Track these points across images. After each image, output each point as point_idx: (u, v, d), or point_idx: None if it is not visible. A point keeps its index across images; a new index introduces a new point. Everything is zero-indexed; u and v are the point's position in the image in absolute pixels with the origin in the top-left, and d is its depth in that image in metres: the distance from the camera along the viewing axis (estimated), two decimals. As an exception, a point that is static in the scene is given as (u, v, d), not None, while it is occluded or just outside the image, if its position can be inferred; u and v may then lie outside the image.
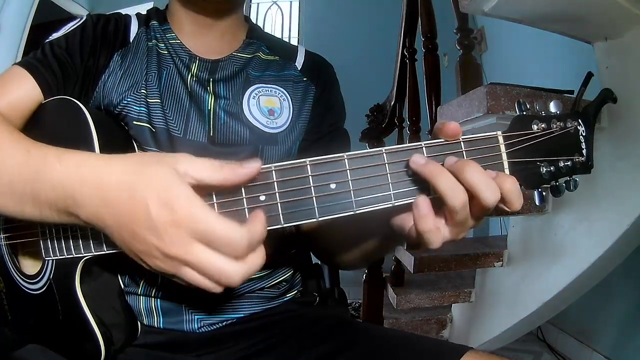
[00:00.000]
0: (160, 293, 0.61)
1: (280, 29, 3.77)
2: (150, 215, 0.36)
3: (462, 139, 0.41)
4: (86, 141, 0.51)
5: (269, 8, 3.86)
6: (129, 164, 0.39)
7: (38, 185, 0.42)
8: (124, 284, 0.60)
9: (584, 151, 0.44)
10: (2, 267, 0.60)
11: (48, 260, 0.54)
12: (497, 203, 0.39)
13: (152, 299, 0.62)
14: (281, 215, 0.40)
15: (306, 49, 0.76)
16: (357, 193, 0.40)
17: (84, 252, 0.49)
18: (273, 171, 0.40)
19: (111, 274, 0.58)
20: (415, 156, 0.40)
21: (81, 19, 0.65)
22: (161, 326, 0.62)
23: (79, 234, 0.49)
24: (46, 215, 0.43)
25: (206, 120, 0.63)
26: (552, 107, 0.44)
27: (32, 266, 0.58)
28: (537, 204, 0.43)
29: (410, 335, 0.64)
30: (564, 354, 1.99)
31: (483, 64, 2.60)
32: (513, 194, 0.39)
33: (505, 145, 0.42)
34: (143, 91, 0.61)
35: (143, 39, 0.65)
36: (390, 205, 0.41)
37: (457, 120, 0.41)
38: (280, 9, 3.85)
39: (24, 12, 2.65)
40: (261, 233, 0.38)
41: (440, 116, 1.43)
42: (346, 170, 0.40)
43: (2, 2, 2.52)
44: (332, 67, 0.76)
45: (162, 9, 0.72)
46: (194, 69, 0.65)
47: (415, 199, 0.40)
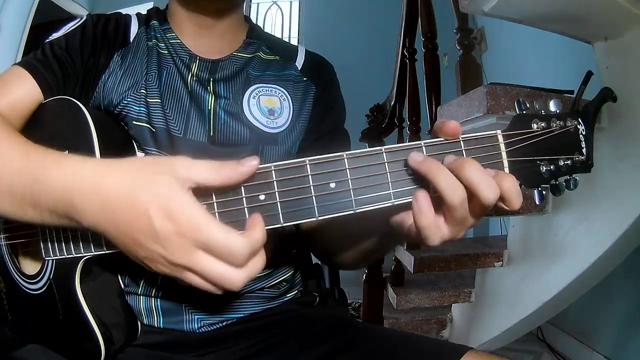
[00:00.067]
0: (160, 293, 0.61)
1: (280, 29, 3.78)
2: (153, 226, 0.37)
3: (462, 138, 0.41)
4: (86, 141, 0.50)
5: (269, 8, 3.86)
6: (128, 172, 0.39)
7: (37, 190, 0.42)
8: (124, 283, 0.60)
9: (583, 150, 0.44)
10: (2, 267, 0.60)
11: (48, 260, 0.54)
12: (497, 202, 0.39)
13: (152, 299, 0.62)
14: (281, 214, 0.40)
15: (306, 49, 0.75)
16: (357, 192, 0.40)
17: (84, 252, 0.49)
18: (272, 170, 0.40)
19: (111, 273, 0.58)
20: (413, 154, 0.40)
21: (81, 18, 0.65)
22: (161, 326, 0.62)
23: (79, 234, 0.49)
24: (47, 219, 0.43)
25: (206, 120, 0.63)
26: (552, 106, 0.44)
27: (32, 266, 0.58)
28: (537, 203, 0.43)
29: (410, 335, 0.64)
30: (564, 354, 1.99)
31: (483, 64, 2.60)
32: (512, 192, 0.39)
33: (505, 144, 0.42)
34: (143, 91, 0.61)
35: (143, 38, 0.65)
36: (389, 204, 0.41)
37: (457, 120, 0.41)
38: (280, 9, 3.86)
39: (24, 12, 2.65)
40: (261, 239, 0.38)
41: (440, 116, 1.43)
42: (346, 170, 0.40)
43: (2, 2, 2.52)
44: (332, 67, 0.76)
45: (162, 9, 0.72)
46: (194, 68, 0.65)
47: (414, 192, 0.40)
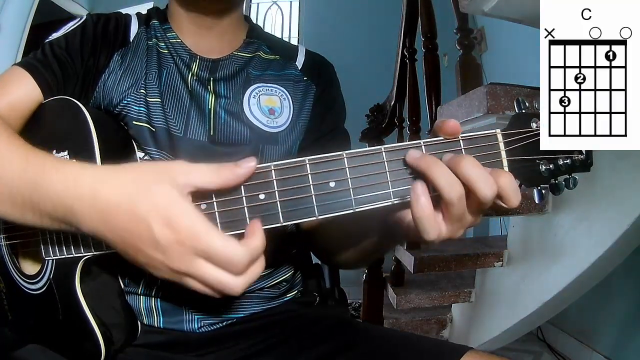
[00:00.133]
0: (161, 293, 0.61)
1: (280, 29, 3.78)
2: (153, 234, 0.37)
3: (461, 137, 0.41)
4: (86, 141, 0.51)
5: (269, 8, 3.87)
6: (127, 180, 0.39)
7: (37, 195, 0.42)
8: (124, 283, 0.60)
9: (583, 149, 0.44)
10: (2, 267, 0.60)
11: (48, 260, 0.53)
12: (495, 200, 0.39)
13: (152, 299, 0.62)
14: (280, 213, 0.40)
15: (306, 49, 0.75)
16: (357, 191, 0.40)
17: (83, 251, 0.49)
18: (272, 170, 0.40)
19: (111, 273, 0.58)
20: (411, 151, 0.40)
21: (81, 18, 0.65)
22: (161, 326, 0.62)
23: (79, 235, 0.49)
24: (47, 224, 0.44)
25: (206, 119, 0.63)
26: (551, 106, 0.44)
27: (32, 266, 0.58)
28: (536, 202, 0.43)
29: (410, 335, 0.64)
30: (564, 354, 1.99)
31: (483, 64, 2.60)
32: (509, 189, 0.39)
33: (504, 144, 0.42)
34: (142, 91, 0.61)
35: (143, 38, 0.65)
36: (389, 203, 0.41)
37: (457, 120, 0.41)
38: (280, 9, 3.86)
39: (24, 12, 2.65)
40: (260, 247, 0.39)
41: (440, 116, 1.43)
42: (345, 169, 0.40)
43: (2, 2, 2.52)
44: (332, 67, 0.76)
45: (162, 9, 0.71)
46: (194, 68, 0.65)
47: (413, 183, 0.39)
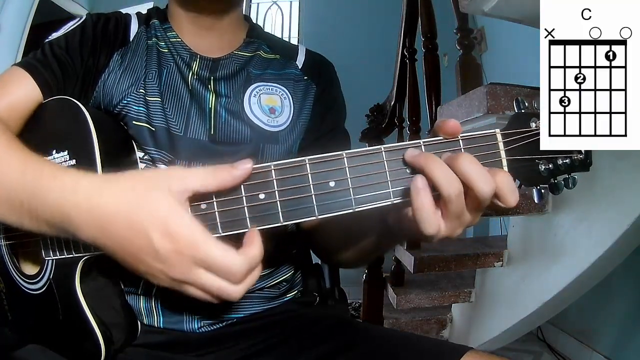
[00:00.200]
0: (161, 293, 0.61)
1: (280, 29, 3.78)
2: (153, 245, 0.38)
3: (461, 136, 0.41)
4: (86, 141, 0.50)
5: (269, 8, 3.87)
6: (125, 189, 0.39)
7: (35, 202, 0.42)
8: (123, 283, 0.60)
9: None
10: (2, 267, 0.60)
11: (48, 260, 0.53)
12: (492, 199, 0.39)
13: (152, 299, 0.61)
14: (280, 213, 0.40)
15: (307, 48, 0.75)
16: (356, 191, 0.41)
17: (83, 251, 0.49)
18: (272, 170, 0.40)
19: (111, 273, 0.58)
20: (410, 149, 0.41)
21: (81, 18, 0.65)
22: (161, 326, 0.62)
23: (77, 238, 0.49)
24: (45, 230, 0.44)
25: (207, 118, 0.63)
26: (551, 106, 0.44)
27: (32, 266, 0.58)
28: (536, 201, 0.43)
29: (410, 335, 0.64)
30: (564, 354, 1.99)
31: (483, 64, 2.60)
32: (506, 187, 0.39)
33: (503, 143, 0.42)
34: (142, 90, 0.61)
35: (143, 37, 0.65)
36: (389, 202, 0.41)
37: (457, 120, 0.41)
38: (280, 9, 3.86)
39: (24, 12, 2.66)
40: (258, 256, 0.40)
41: (440, 116, 1.43)
42: (345, 169, 0.41)
43: (2, 2, 2.52)
44: (332, 66, 0.76)
45: (162, 8, 0.71)
46: (194, 67, 0.65)
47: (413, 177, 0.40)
